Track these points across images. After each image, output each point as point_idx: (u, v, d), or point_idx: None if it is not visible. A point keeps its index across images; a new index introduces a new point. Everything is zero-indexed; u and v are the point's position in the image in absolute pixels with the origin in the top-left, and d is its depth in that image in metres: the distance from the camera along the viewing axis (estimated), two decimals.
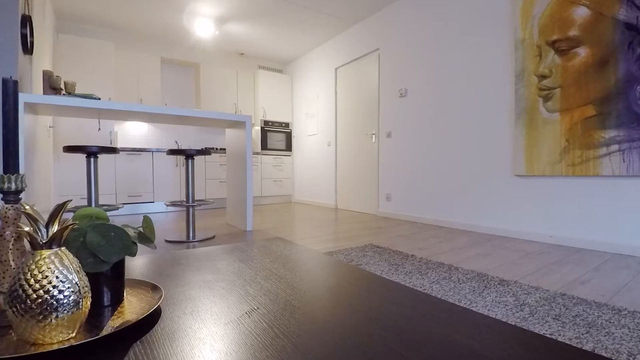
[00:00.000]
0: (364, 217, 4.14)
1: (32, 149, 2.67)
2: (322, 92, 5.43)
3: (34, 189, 2.71)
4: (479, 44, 3.19)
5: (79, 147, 2.43)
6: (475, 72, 3.22)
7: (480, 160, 3.18)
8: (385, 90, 4.17)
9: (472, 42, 3.24)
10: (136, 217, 4.43)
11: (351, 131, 4.79)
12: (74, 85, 2.78)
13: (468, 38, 3.27)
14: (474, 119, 3.23)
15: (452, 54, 3.41)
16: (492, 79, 3.10)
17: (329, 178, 5.27)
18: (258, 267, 0.84)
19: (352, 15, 4.41)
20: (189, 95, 5.72)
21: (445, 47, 3.47)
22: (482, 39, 3.17)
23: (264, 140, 5.86)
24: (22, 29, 2.54)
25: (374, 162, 4.36)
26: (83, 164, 4.30)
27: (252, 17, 4.49)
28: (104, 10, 4.33)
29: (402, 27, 3.95)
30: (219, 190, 5.35)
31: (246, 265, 0.85)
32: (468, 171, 3.27)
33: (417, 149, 3.76)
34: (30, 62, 2.84)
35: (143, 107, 2.72)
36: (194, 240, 2.80)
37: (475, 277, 1.82)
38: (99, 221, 0.69)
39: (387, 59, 4.14)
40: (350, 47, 4.80)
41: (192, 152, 2.85)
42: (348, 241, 2.76)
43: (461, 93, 3.33)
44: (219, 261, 0.90)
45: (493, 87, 3.09)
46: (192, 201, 2.92)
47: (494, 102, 3.08)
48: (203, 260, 0.91)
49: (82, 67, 4.39)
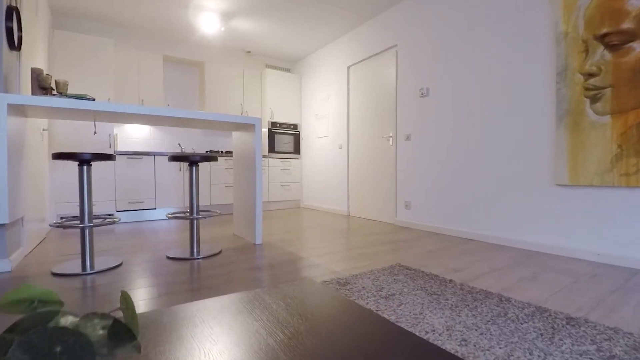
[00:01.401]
0: (381, 227, 3.84)
1: (19, 154, 2.39)
2: (333, 92, 5.13)
3: (22, 199, 2.44)
4: (512, 39, 2.88)
5: (69, 154, 2.15)
6: (508, 70, 2.91)
7: (514, 167, 2.87)
8: (403, 90, 3.87)
9: (503, 37, 2.94)
10: (138, 225, 4.16)
11: (365, 134, 4.49)
12: (66, 85, 2.50)
13: (499, 32, 2.96)
14: (506, 121, 2.92)
15: (481, 50, 3.10)
16: (528, 78, 2.79)
17: (340, 183, 4.97)
18: (294, 341, 0.54)
19: (367, 10, 4.11)
20: (192, 96, 5.44)
21: (472, 43, 3.16)
22: (515, 34, 2.86)
23: (271, 142, 5.57)
24: (7, 21, 2.26)
25: (391, 167, 4.06)
26: None
27: (260, 12, 4.20)
28: (103, 5, 4.06)
29: (422, 22, 3.65)
30: (224, 195, 5.07)
31: (277, 344, 0.55)
32: (500, 179, 2.96)
33: (440, 154, 3.46)
34: (18, 58, 2.56)
35: (141, 109, 2.43)
36: (198, 257, 2.52)
37: (536, 314, 1.51)
38: (43, 311, 0.40)
39: (406, 56, 3.84)
40: (364, 44, 4.50)
41: (196, 158, 2.56)
42: (371, 259, 2.46)
43: (491, 93, 3.02)
44: (237, 327, 0.60)
45: (529, 87, 2.78)
46: (196, 212, 2.64)
47: (531, 103, 2.77)
48: (216, 327, 0.61)
49: (80, 66, 4.11)
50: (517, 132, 2.85)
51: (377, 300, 1.64)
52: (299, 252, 2.68)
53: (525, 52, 2.80)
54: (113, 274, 2.13)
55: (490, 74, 3.03)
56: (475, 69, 3.14)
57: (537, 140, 2.74)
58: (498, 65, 2.97)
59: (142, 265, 2.34)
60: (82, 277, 2.11)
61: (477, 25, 3.13)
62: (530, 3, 2.78)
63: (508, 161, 2.91)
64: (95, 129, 4.05)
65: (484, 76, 3.08)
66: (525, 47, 2.81)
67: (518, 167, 2.84)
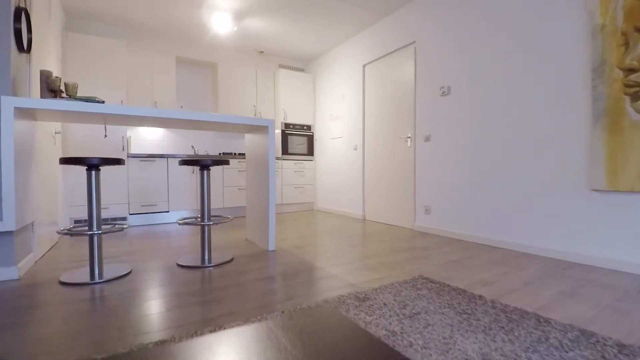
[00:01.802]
0: (399, 233, 3.68)
1: (28, 158, 2.34)
2: (348, 92, 4.98)
3: (32, 204, 2.39)
4: (541, 33, 2.68)
5: (77, 159, 2.08)
6: (536, 66, 2.71)
7: (544, 170, 2.67)
8: (423, 89, 3.69)
9: (530, 31, 2.74)
10: (150, 229, 4.11)
11: (381, 134, 4.33)
12: (75, 87, 2.44)
13: (525, 26, 2.77)
14: (535, 121, 2.72)
15: (506, 45, 2.91)
16: (559, 74, 2.59)
17: (355, 186, 4.82)
18: None
19: (383, 6, 3.95)
20: (205, 97, 5.38)
21: (497, 38, 2.97)
22: (544, 27, 2.66)
23: (284, 144, 5.46)
24: (15, 22, 2.21)
25: (409, 170, 3.89)
26: None
27: (272, 10, 4.09)
28: (116, 7, 4.02)
29: (442, 17, 3.47)
30: (237, 198, 4.98)
31: None
32: (528, 183, 2.77)
33: (463, 156, 3.27)
34: (28, 61, 2.51)
35: (151, 111, 2.35)
36: (209, 264, 2.42)
37: (581, 339, 1.34)
38: None
39: (425, 53, 3.66)
40: (380, 42, 4.34)
41: (207, 162, 2.46)
42: (391, 269, 2.31)
43: (518, 91, 2.83)
44: None
45: (560, 84, 2.58)
46: (207, 218, 2.54)
47: (562, 101, 2.57)
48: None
49: (93, 68, 4.09)
50: (546, 133, 2.65)
51: (400, 320, 1.49)
52: (313, 260, 2.55)
53: (555, 47, 2.60)
54: (121, 284, 2.04)
55: (517, 70, 2.83)
56: (500, 66, 2.95)
57: (569, 142, 2.54)
58: (525, 61, 2.78)
59: (152, 273, 2.25)
60: (90, 286, 2.03)
61: (501, 19, 2.94)
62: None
63: (537, 164, 2.71)
64: (105, 133, 4.01)
65: (509, 73, 2.89)
66: (555, 41, 2.60)
67: (548, 170, 2.65)
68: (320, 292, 1.87)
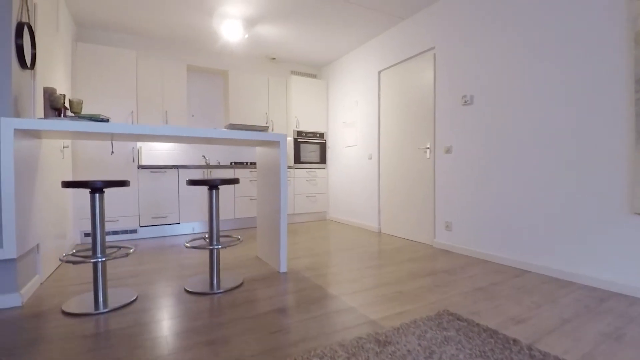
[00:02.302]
0: (418, 249, 3.49)
1: (32, 178, 2.25)
2: (363, 99, 4.81)
3: (37, 225, 2.30)
4: (575, 42, 2.45)
5: (80, 183, 1.97)
6: (569, 77, 2.49)
7: (578, 189, 2.45)
8: (443, 97, 3.49)
9: (563, 40, 2.52)
10: (161, 241, 4.03)
11: (398, 144, 4.13)
12: (80, 104, 2.34)
13: (558, 34, 2.54)
14: (569, 137, 2.50)
15: (535, 54, 2.69)
16: (596, 87, 2.36)
17: (370, 196, 4.64)
18: None
19: (400, 10, 3.77)
20: (217, 105, 5.28)
21: (525, 46, 2.76)
22: (579, 35, 2.43)
23: (296, 152, 5.32)
24: (17, 39, 2.12)
25: (429, 182, 3.69)
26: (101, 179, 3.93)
27: (284, 17, 3.95)
28: (127, 16, 3.95)
29: (464, 21, 3.27)
30: (249, 209, 4.87)
31: None
32: (561, 203, 2.55)
33: (487, 170, 3.07)
34: (32, 76, 2.43)
35: (158, 130, 2.23)
36: (218, 291, 2.28)
37: None
38: None
39: (446, 59, 3.46)
40: (397, 47, 4.15)
41: (216, 182, 2.33)
42: (412, 301, 2.14)
43: (549, 103, 2.61)
44: None
45: (597, 97, 2.35)
46: (216, 240, 2.41)
47: (600, 116, 2.34)
48: None
49: (103, 78, 4.02)
50: (581, 150, 2.43)
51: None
52: (328, 286, 2.40)
53: (591, 57, 2.37)
54: (126, 314, 1.93)
55: (547, 81, 2.61)
56: (529, 76, 2.73)
57: (608, 160, 2.31)
58: (557, 71, 2.56)
59: (158, 301, 2.13)
60: (94, 317, 1.92)
61: (530, 27, 2.73)
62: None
63: (571, 182, 2.49)
64: (112, 149, 3.94)
65: (539, 84, 2.67)
66: (590, 51, 2.38)
67: (583, 189, 2.42)
68: (335, 331, 1.71)
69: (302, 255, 3.26)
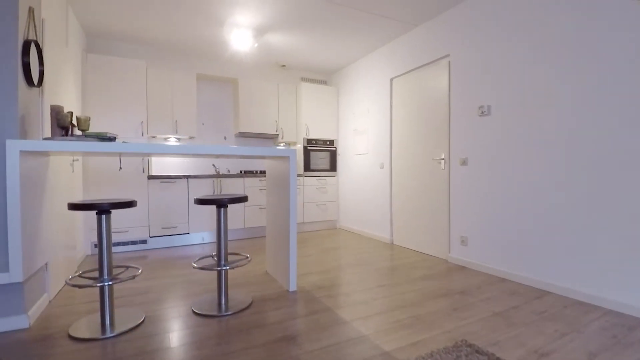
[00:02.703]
0: (432, 265, 3.37)
1: (39, 196, 2.23)
2: (374, 106, 4.71)
3: (45, 243, 2.28)
4: (613, 44, 2.32)
5: (86, 205, 1.93)
6: (603, 83, 2.35)
7: (603, 208, 2.31)
8: (458, 107, 3.37)
9: (600, 46, 2.38)
10: (170, 252, 4.00)
11: (411, 153, 4.02)
12: (87, 121, 2.31)
13: (593, 38, 2.41)
14: (596, 151, 2.36)
15: (560, 63, 2.56)
16: (630, 97, 2.22)
17: (382, 206, 4.54)
18: None
19: (413, 16, 3.66)
20: (227, 113, 5.25)
21: (551, 53, 2.62)
22: (610, 42, 2.30)
23: (306, 160, 5.25)
24: (23, 57, 2.09)
25: (443, 195, 3.57)
26: (111, 192, 3.93)
27: (294, 26, 3.88)
28: (137, 26, 3.93)
29: (481, 28, 3.14)
30: (258, 218, 4.82)
31: None
32: (583, 220, 2.41)
33: (505, 184, 2.94)
34: (40, 94, 2.41)
35: (163, 148, 2.18)
36: (226, 313, 2.22)
37: None
38: None
39: (461, 67, 3.34)
40: (410, 54, 4.04)
41: (224, 201, 2.27)
42: (428, 329, 2.04)
43: (576, 115, 2.47)
44: None
45: (631, 110, 2.21)
46: (224, 261, 2.35)
47: (633, 128, 2.20)
48: None
49: (113, 89, 4.02)
50: (611, 165, 2.28)
51: None
52: (339, 309, 2.31)
53: (624, 66, 2.23)
54: (133, 340, 1.88)
55: (575, 90, 2.48)
56: (552, 85, 2.60)
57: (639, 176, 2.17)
58: (585, 80, 2.42)
59: (166, 324, 2.08)
60: (101, 342, 1.88)
61: (555, 30, 2.59)
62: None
63: (596, 199, 2.35)
64: (120, 165, 3.92)
65: (564, 93, 2.53)
66: (623, 60, 2.24)
67: (610, 208, 2.28)
68: None
69: (312, 271, 3.19)
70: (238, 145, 5.33)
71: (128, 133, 4.10)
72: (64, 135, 2.22)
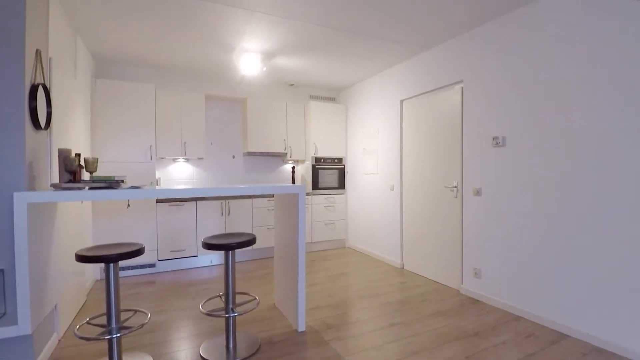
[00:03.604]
0: (444, 297, 3.29)
1: (48, 239, 2.22)
2: (384, 127, 4.63)
3: (53, 288, 2.26)
4: (633, 80, 2.22)
5: (94, 258, 1.91)
6: (624, 118, 2.25)
7: (627, 247, 2.21)
8: (472, 136, 3.28)
9: (614, 78, 2.28)
10: (179, 276, 3.99)
11: (422, 178, 3.94)
12: (95, 163, 2.29)
13: (615, 67, 2.31)
14: (619, 186, 2.26)
15: (578, 94, 2.46)
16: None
17: (392, 229, 4.46)
18: None
19: (425, 41, 3.57)
20: (235, 131, 5.22)
21: (570, 81, 2.53)
22: (633, 74, 2.20)
23: (315, 178, 5.20)
24: (30, 102, 2.08)
25: (456, 224, 3.48)
26: (120, 217, 3.92)
27: (303, 50, 3.83)
28: (146, 53, 3.92)
29: (498, 54, 3.05)
30: (266, 239, 4.79)
31: None
32: (605, 260, 2.31)
33: (521, 217, 2.85)
34: (48, 135, 2.40)
35: (170, 193, 2.15)
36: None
37: None
38: None
39: (475, 95, 3.25)
40: (421, 77, 3.96)
41: (232, 245, 2.23)
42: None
43: (600, 147, 2.37)
44: None
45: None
46: (232, 307, 2.31)
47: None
48: None
49: (122, 113, 4.02)
50: (637, 199, 2.19)
51: None
52: (350, 355, 2.25)
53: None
54: None
55: (597, 121, 2.38)
56: (573, 114, 2.50)
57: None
58: (609, 109, 2.32)
59: None
60: None
61: (577, 57, 2.49)
62: None
63: (618, 236, 2.25)
64: (129, 203, 3.91)
65: (586, 124, 2.44)
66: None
67: (636, 246, 2.18)
68: None
69: (321, 304, 3.13)
70: (246, 163, 5.30)
71: (137, 157, 4.09)
72: (72, 179, 2.21)
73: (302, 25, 3.20)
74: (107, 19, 3.06)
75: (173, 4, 2.79)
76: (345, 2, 2.77)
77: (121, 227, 3.93)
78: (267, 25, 3.20)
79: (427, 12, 2.92)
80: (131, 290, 3.55)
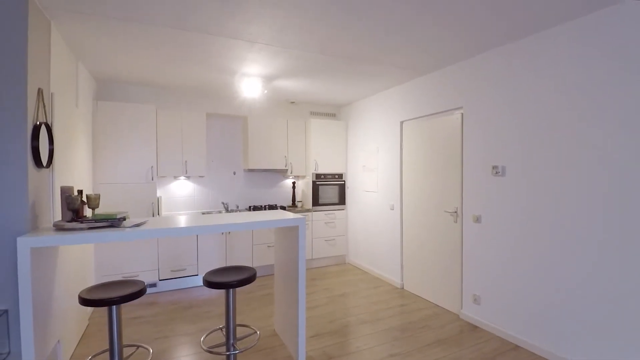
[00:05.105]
0: (444, 322, 3.30)
1: (51, 282, 2.24)
2: (383, 146, 4.65)
3: (56, 324, 2.28)
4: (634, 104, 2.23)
5: (99, 301, 1.93)
6: (627, 146, 2.27)
7: (632, 278, 2.23)
8: (472, 163, 3.30)
9: (620, 103, 2.29)
10: (180, 296, 4.02)
11: (423, 201, 3.95)
12: (97, 199, 2.31)
13: (611, 97, 2.32)
14: (631, 215, 2.27)
15: (580, 125, 2.47)
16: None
17: (392, 247, 4.47)
18: None
19: (425, 66, 3.58)
20: (236, 148, 5.24)
21: (571, 111, 2.54)
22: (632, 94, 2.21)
23: (315, 195, 5.22)
24: (33, 141, 2.10)
25: (455, 249, 3.50)
26: (122, 243, 3.94)
27: (304, 73, 3.85)
28: (147, 75, 3.94)
29: (499, 82, 3.06)
30: (266, 256, 4.81)
31: None
32: (607, 291, 2.32)
33: (520, 246, 2.86)
34: (50, 172, 2.42)
35: (176, 232, 2.17)
36: None
37: None
38: None
39: (475, 122, 3.27)
40: (422, 99, 3.97)
41: (233, 283, 2.25)
42: None
43: (601, 176, 2.39)
44: None
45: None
46: (233, 342, 2.33)
47: None
48: None
49: (123, 135, 4.05)
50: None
51: None
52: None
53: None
54: None
55: (598, 150, 2.39)
56: (574, 143, 2.52)
57: None
58: (609, 139, 2.34)
59: None
60: None
61: (576, 89, 2.51)
62: None
63: (622, 267, 2.26)
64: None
65: (588, 153, 2.45)
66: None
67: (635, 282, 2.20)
68: None
69: (321, 331, 3.14)
70: (247, 179, 5.32)
71: (138, 178, 4.12)
72: (75, 217, 2.22)
73: (301, 54, 3.22)
74: (110, 48, 3.08)
75: (177, 36, 2.81)
76: (340, 35, 2.79)
77: (123, 247, 3.95)
78: (267, 54, 3.22)
79: (422, 42, 2.92)
80: (133, 313, 3.56)
